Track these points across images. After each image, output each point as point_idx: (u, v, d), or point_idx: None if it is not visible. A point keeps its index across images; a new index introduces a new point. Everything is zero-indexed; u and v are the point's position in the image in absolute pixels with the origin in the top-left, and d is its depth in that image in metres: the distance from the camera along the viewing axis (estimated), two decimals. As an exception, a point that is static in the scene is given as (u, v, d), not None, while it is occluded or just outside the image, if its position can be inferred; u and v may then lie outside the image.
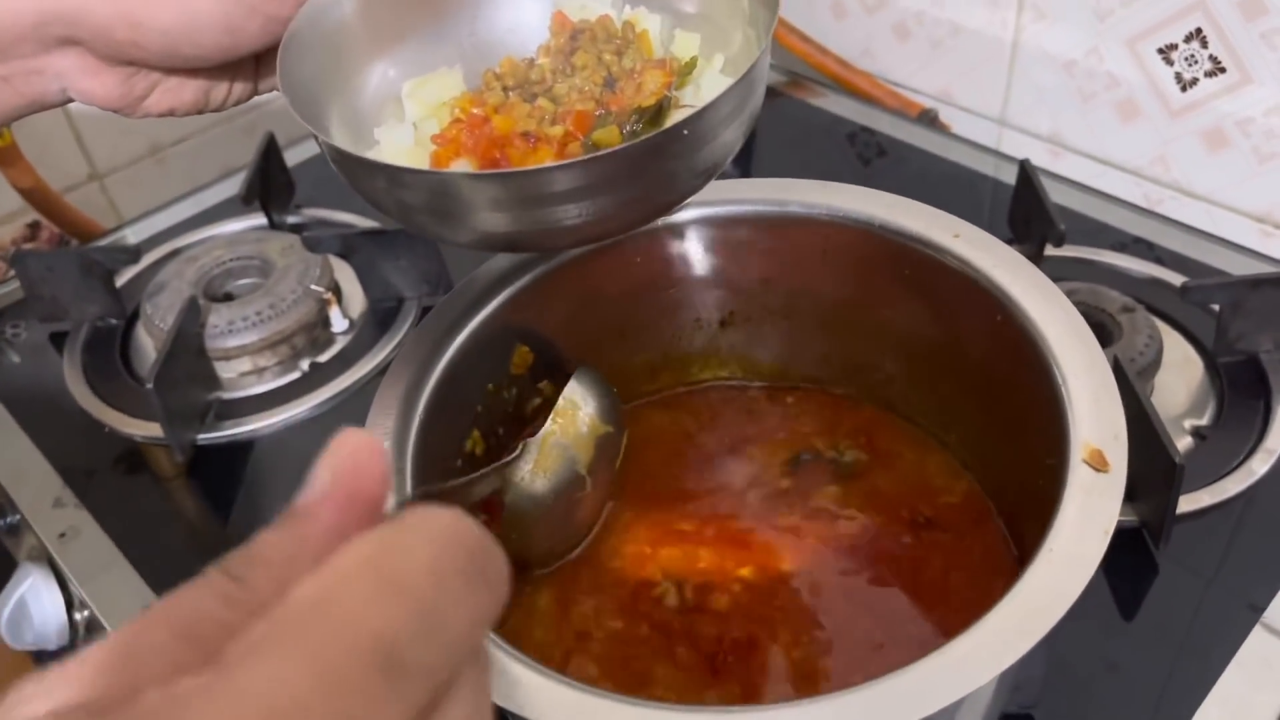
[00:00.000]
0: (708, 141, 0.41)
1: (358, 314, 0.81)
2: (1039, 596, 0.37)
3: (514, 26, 0.51)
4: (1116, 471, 0.40)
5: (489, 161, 0.44)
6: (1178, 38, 0.79)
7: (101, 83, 0.43)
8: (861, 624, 0.49)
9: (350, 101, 0.48)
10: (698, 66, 0.47)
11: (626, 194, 0.41)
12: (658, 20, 0.49)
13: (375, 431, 0.47)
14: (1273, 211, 0.81)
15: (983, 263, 0.49)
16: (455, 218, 0.41)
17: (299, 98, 0.43)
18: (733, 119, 0.42)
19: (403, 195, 0.42)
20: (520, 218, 0.41)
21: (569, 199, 0.40)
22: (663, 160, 0.41)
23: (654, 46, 0.48)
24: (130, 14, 0.40)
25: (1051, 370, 0.44)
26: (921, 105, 0.98)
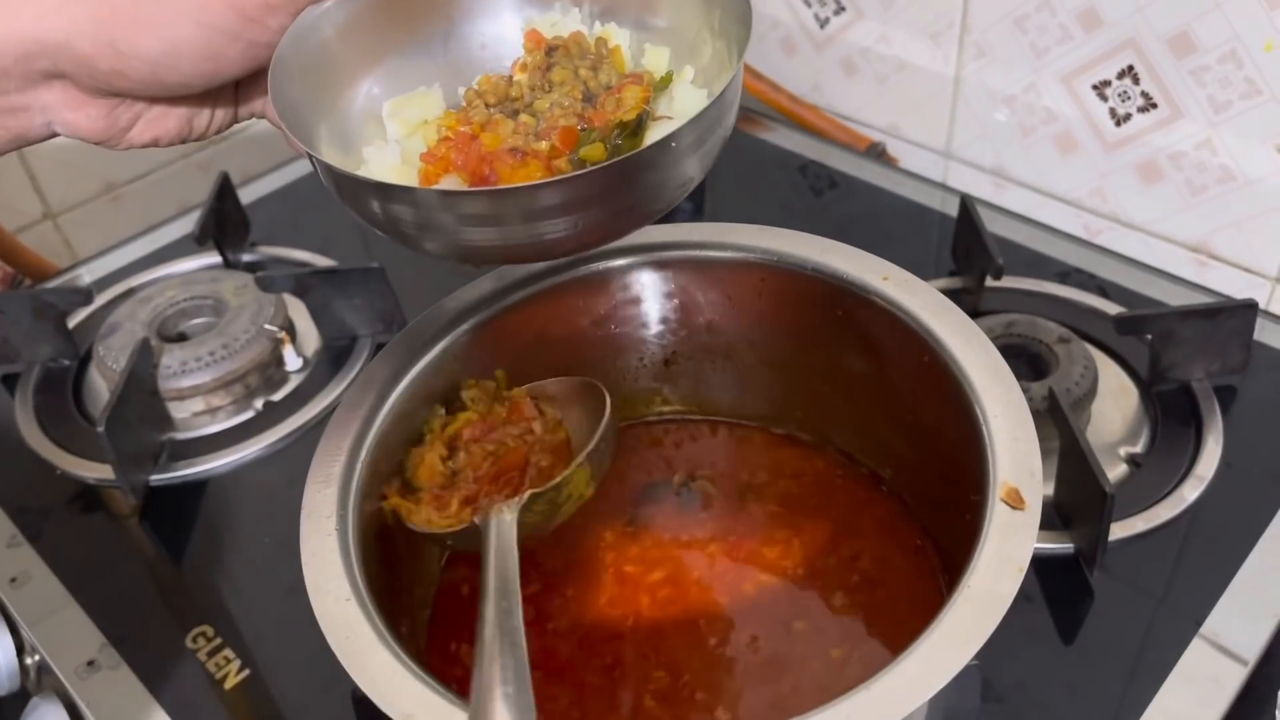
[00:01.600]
0: (691, 152, 0.43)
1: (312, 352, 0.81)
2: (955, 633, 0.38)
3: (487, 43, 0.52)
4: (1031, 510, 0.41)
5: (479, 178, 0.45)
6: (1110, 74, 0.82)
7: (86, 115, 0.44)
8: (792, 660, 0.50)
9: (337, 122, 0.49)
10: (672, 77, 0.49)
11: (615, 206, 0.43)
12: (627, 35, 0.50)
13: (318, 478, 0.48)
14: (1206, 241, 0.83)
15: (910, 304, 0.50)
16: (447, 233, 0.42)
17: (290, 121, 0.44)
18: (713, 129, 0.44)
19: (398, 212, 0.43)
20: (514, 232, 0.42)
21: (560, 213, 0.41)
22: (651, 172, 0.42)
23: (626, 61, 0.50)
24: (113, 44, 0.41)
25: (974, 409, 0.46)
26: (870, 139, 1.01)
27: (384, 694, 0.39)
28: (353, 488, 0.48)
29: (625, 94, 0.46)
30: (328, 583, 0.44)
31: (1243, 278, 0.82)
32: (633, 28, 0.50)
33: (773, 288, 0.55)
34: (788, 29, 1.02)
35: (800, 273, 0.54)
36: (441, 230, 0.42)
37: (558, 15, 0.51)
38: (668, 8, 0.50)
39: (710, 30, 0.48)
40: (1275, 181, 0.77)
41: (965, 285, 0.80)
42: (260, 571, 0.66)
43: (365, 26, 0.49)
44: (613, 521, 0.59)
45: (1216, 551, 0.62)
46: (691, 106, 0.46)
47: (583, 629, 0.54)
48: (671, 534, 0.58)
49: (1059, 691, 0.56)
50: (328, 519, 0.46)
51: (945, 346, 0.49)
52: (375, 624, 0.42)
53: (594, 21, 0.51)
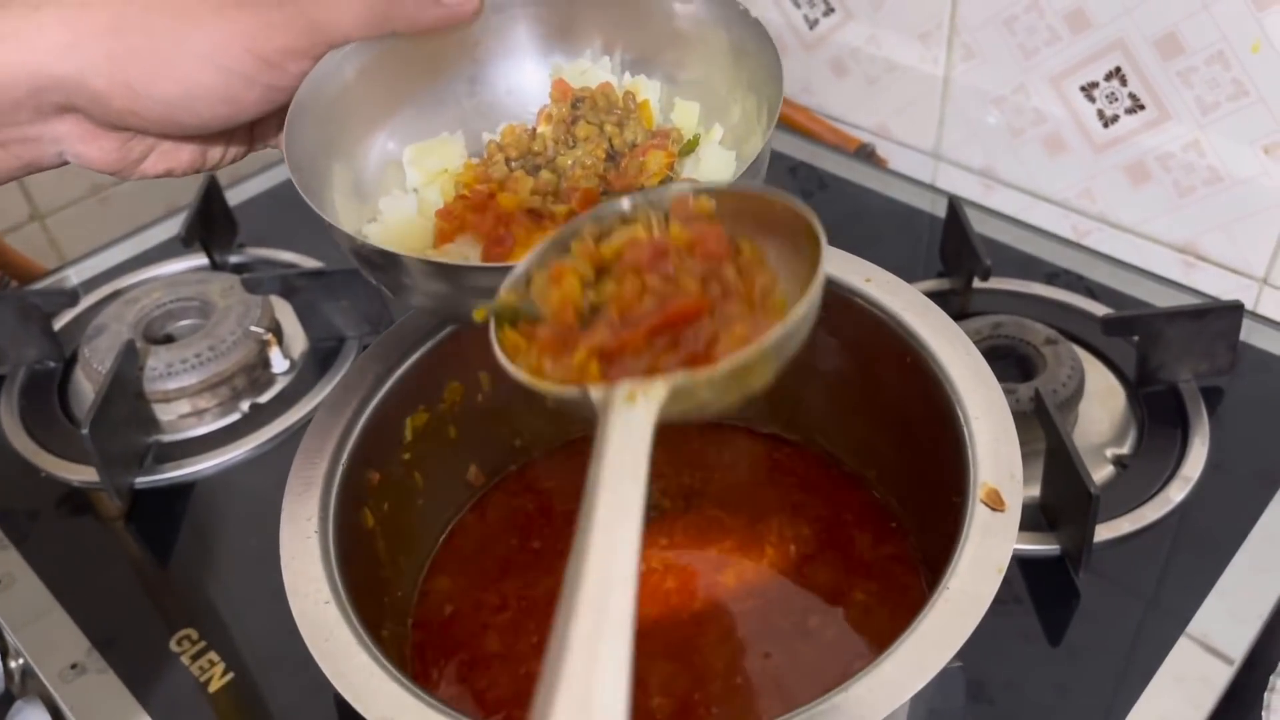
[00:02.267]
0: None
1: (299, 354, 0.81)
2: (935, 634, 0.38)
3: (513, 89, 0.50)
4: (1011, 511, 0.41)
5: (494, 239, 0.43)
6: (1098, 76, 0.82)
7: (99, 147, 0.43)
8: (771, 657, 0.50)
9: (356, 168, 0.47)
10: (699, 139, 0.47)
11: None
12: (657, 87, 0.49)
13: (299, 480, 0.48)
14: (1194, 243, 0.83)
15: (892, 305, 0.50)
16: (459, 303, 0.41)
17: (304, 172, 0.43)
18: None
19: (401, 279, 0.42)
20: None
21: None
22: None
23: (654, 115, 0.48)
24: (129, 84, 0.40)
25: (956, 411, 0.46)
26: (859, 140, 1.01)
27: (361, 696, 0.39)
28: (334, 491, 0.48)
29: (649, 160, 0.44)
30: (307, 585, 0.44)
31: (1230, 279, 0.82)
32: (663, 80, 0.49)
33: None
34: (777, 30, 1.02)
35: (783, 274, 0.54)
36: (451, 300, 0.41)
37: (587, 63, 0.50)
38: (698, 61, 0.48)
39: (740, 86, 0.47)
40: (1262, 183, 0.77)
41: (953, 286, 0.80)
42: (245, 574, 0.66)
43: (388, 70, 0.48)
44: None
45: (1203, 552, 0.62)
46: (718, 170, 0.45)
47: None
48: (651, 535, 0.57)
49: (1047, 692, 0.56)
50: (308, 521, 0.46)
51: (928, 348, 0.48)
52: (354, 627, 0.42)
53: (624, 72, 0.50)
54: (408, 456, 0.55)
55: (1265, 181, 0.77)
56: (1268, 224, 0.78)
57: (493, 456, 0.62)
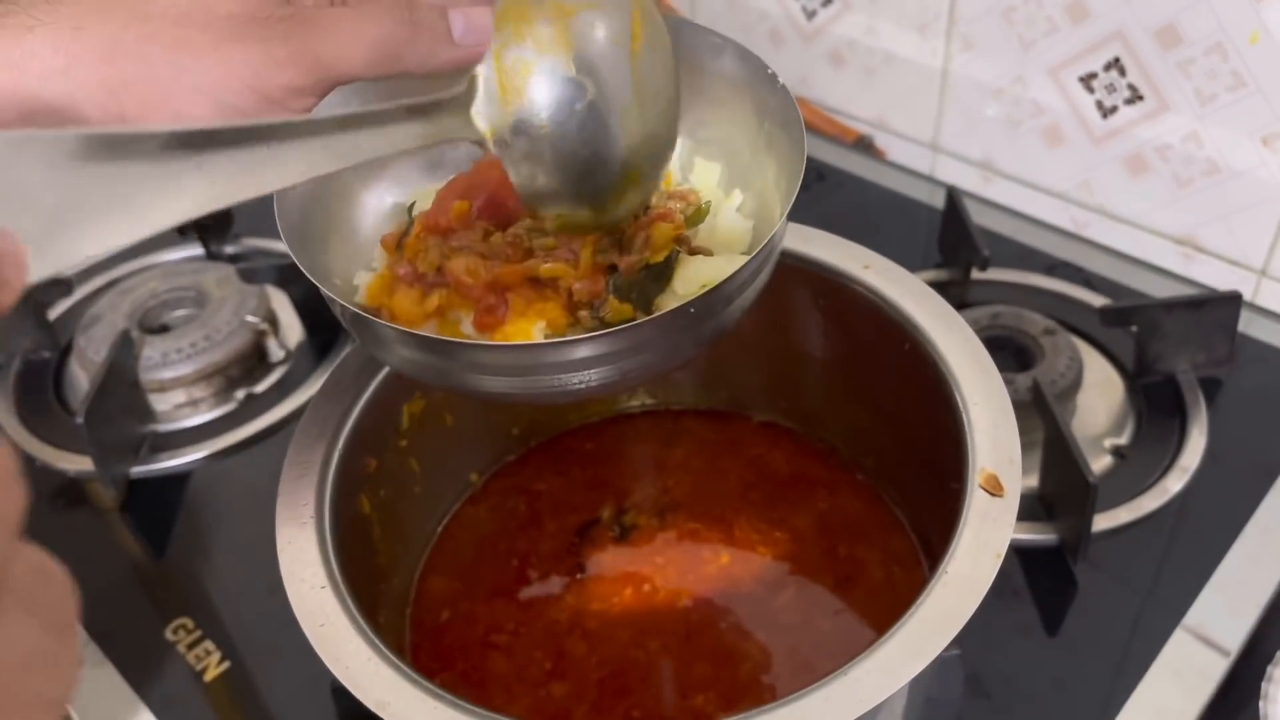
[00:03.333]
0: (719, 311, 0.39)
1: (295, 344, 0.81)
2: (933, 619, 0.38)
3: None
4: (1010, 496, 0.41)
5: (485, 308, 0.40)
6: (1097, 66, 0.82)
7: None
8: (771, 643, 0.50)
9: (354, 217, 0.45)
10: (716, 201, 0.45)
11: (632, 363, 0.39)
12: (680, 144, 0.45)
13: (295, 466, 0.48)
14: (1192, 234, 0.83)
15: (891, 293, 0.50)
16: (446, 375, 0.39)
17: (294, 222, 0.41)
18: (745, 287, 0.40)
19: (392, 347, 0.40)
20: (514, 382, 0.39)
21: (574, 368, 0.38)
22: (672, 332, 0.39)
23: (674, 174, 0.46)
24: (122, 114, 0.38)
25: (954, 397, 0.46)
26: (857, 131, 1.00)
27: (358, 681, 0.39)
28: (330, 477, 0.48)
29: (655, 232, 0.42)
30: (303, 570, 0.43)
31: (1229, 270, 0.82)
32: (685, 137, 0.46)
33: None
34: (775, 21, 1.02)
35: (782, 261, 0.53)
36: (444, 372, 0.39)
37: None
38: (721, 121, 0.45)
39: (761, 152, 0.45)
40: (1261, 174, 0.77)
41: (951, 277, 0.80)
42: (242, 563, 0.66)
43: None
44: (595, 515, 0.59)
45: (1200, 543, 0.62)
46: (735, 239, 0.42)
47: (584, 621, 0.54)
48: (650, 521, 0.57)
49: (1043, 683, 0.56)
50: (304, 507, 0.46)
51: (926, 334, 0.48)
52: (351, 612, 0.42)
53: None
54: (404, 444, 0.55)
55: (1263, 173, 0.77)
56: (1266, 215, 0.78)
57: (490, 445, 0.62)
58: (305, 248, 0.41)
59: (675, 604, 0.53)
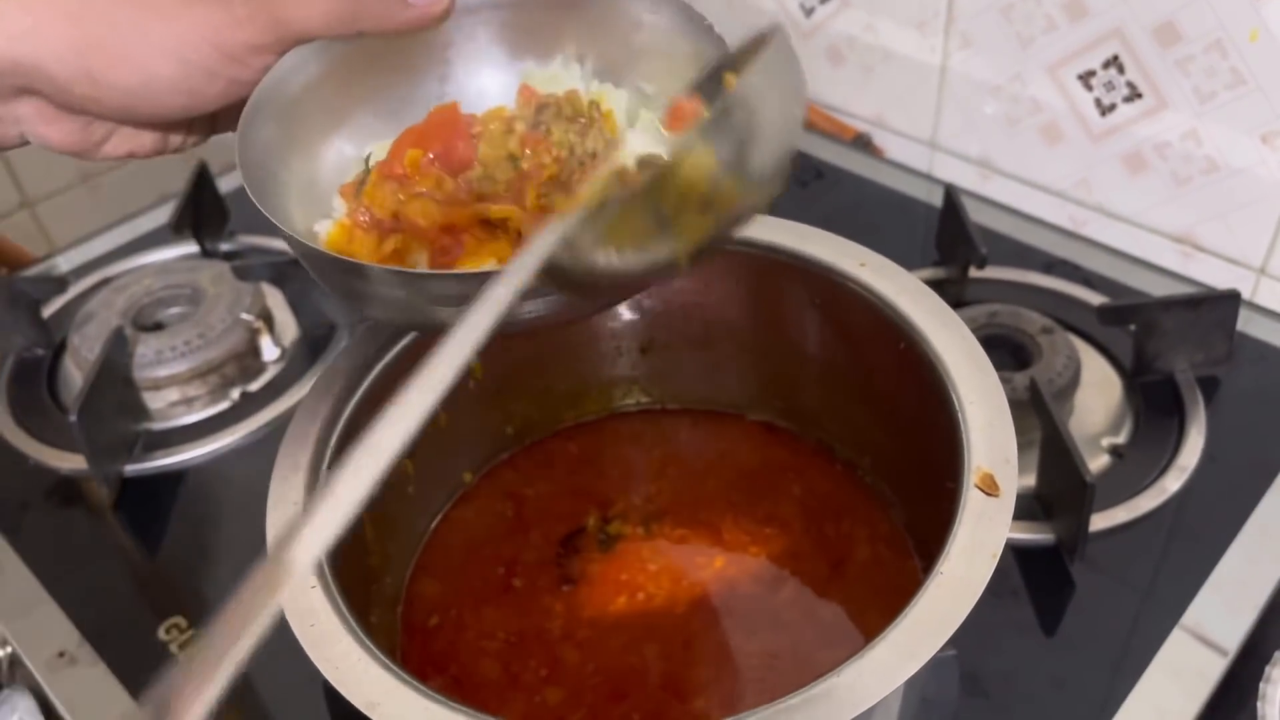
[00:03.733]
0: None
1: (290, 342, 0.80)
2: (928, 619, 0.37)
3: (483, 90, 0.49)
4: (1006, 496, 0.41)
5: (440, 249, 0.43)
6: (1096, 64, 0.81)
7: (60, 129, 0.43)
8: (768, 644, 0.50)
9: (313, 168, 0.47)
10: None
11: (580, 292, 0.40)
12: (624, 97, 0.48)
13: (286, 464, 0.47)
14: (1191, 233, 0.83)
15: (886, 290, 0.50)
16: (407, 309, 0.41)
17: (255, 172, 0.42)
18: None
19: (354, 285, 0.41)
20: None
21: (522, 296, 0.37)
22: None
23: (619, 126, 0.47)
24: (89, 73, 0.40)
25: (950, 396, 0.45)
26: (856, 129, 1.00)
27: (347, 681, 0.39)
28: (321, 474, 0.47)
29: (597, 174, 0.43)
30: (293, 570, 0.43)
31: (1227, 269, 0.81)
32: (631, 91, 0.48)
33: (750, 274, 0.55)
34: (772, 18, 1.01)
35: (777, 259, 0.53)
36: (405, 306, 0.41)
37: (557, 69, 0.49)
38: (664, 74, 0.47)
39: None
40: (1260, 172, 0.76)
41: (949, 275, 0.80)
42: (235, 562, 0.65)
43: (354, 69, 0.47)
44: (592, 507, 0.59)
45: (1198, 542, 0.61)
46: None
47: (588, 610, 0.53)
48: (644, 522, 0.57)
49: (1041, 682, 0.56)
50: (295, 505, 0.45)
51: (921, 333, 0.48)
52: (341, 611, 0.42)
53: (593, 80, 0.49)
54: (397, 443, 0.54)
55: (1262, 171, 0.76)
56: (1265, 213, 0.78)
57: (483, 444, 0.61)
58: (268, 198, 0.42)
59: (670, 607, 0.52)
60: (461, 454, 0.61)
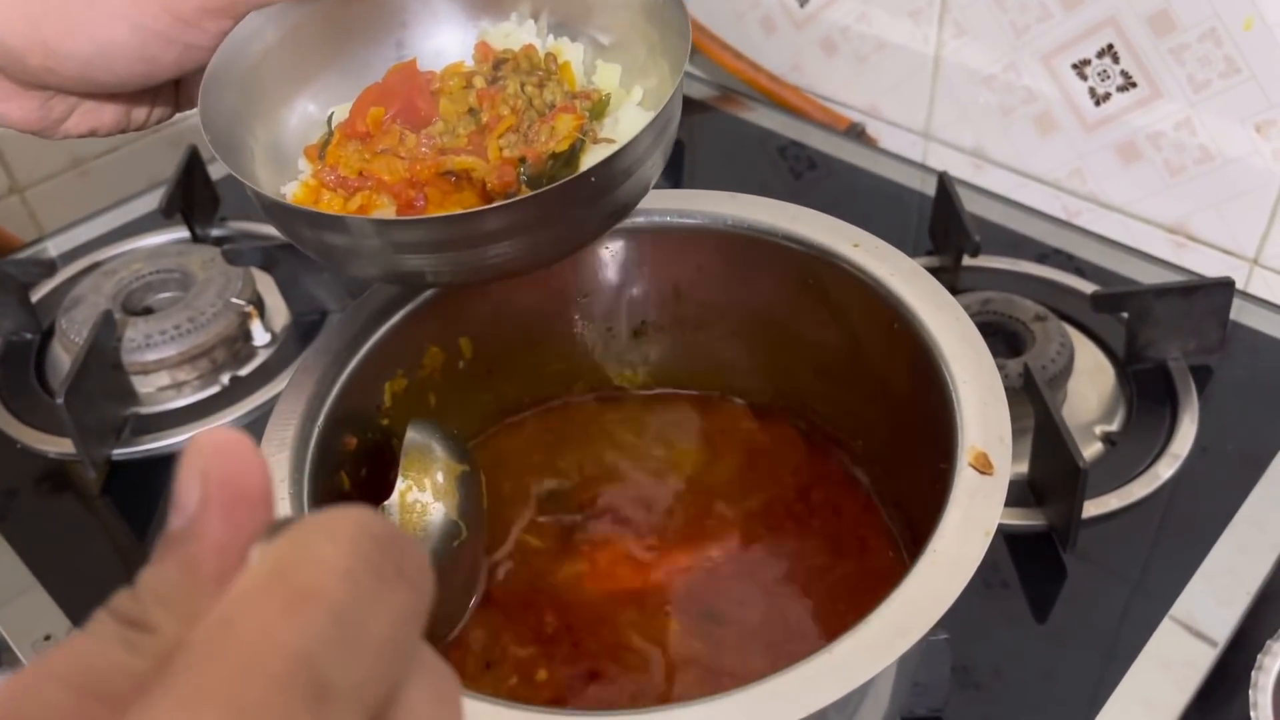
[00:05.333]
0: (619, 183, 0.43)
1: (280, 327, 0.80)
2: (920, 597, 0.37)
3: (440, 50, 0.50)
4: (1000, 474, 0.40)
5: (406, 201, 0.44)
6: (1090, 53, 0.81)
7: (19, 106, 0.43)
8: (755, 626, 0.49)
9: (276, 132, 0.48)
10: (616, 99, 0.48)
11: (544, 235, 0.42)
12: (580, 50, 0.49)
13: (272, 442, 0.47)
14: (1184, 223, 0.82)
15: (879, 271, 0.50)
16: (376, 258, 0.42)
17: (220, 136, 0.43)
18: (644, 160, 0.43)
19: (324, 238, 0.42)
20: (439, 259, 0.41)
21: (487, 240, 0.40)
22: (576, 203, 0.42)
23: (576, 78, 0.49)
24: (44, 43, 0.39)
25: (944, 376, 0.45)
26: (849, 119, 1.00)
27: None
28: (309, 454, 0.47)
29: (558, 124, 0.45)
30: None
31: (1221, 259, 0.81)
32: (587, 43, 0.50)
33: (743, 256, 0.55)
34: (767, 8, 1.01)
35: (770, 240, 0.53)
36: (367, 256, 0.42)
37: (512, 26, 0.50)
38: (616, 25, 0.49)
39: (657, 49, 0.48)
40: (1254, 162, 0.76)
41: (942, 264, 0.80)
42: (223, 546, 0.65)
43: (313, 31, 0.48)
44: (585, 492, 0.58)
45: (1190, 531, 0.61)
46: (636, 129, 0.45)
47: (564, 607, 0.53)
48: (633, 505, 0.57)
49: (1031, 672, 0.55)
50: (281, 483, 0.45)
51: (915, 313, 0.48)
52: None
53: (549, 35, 0.50)
54: (386, 422, 0.54)
55: (1256, 161, 0.76)
56: (1259, 203, 0.78)
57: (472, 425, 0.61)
58: (236, 163, 0.43)
59: (659, 589, 0.52)
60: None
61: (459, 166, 0.44)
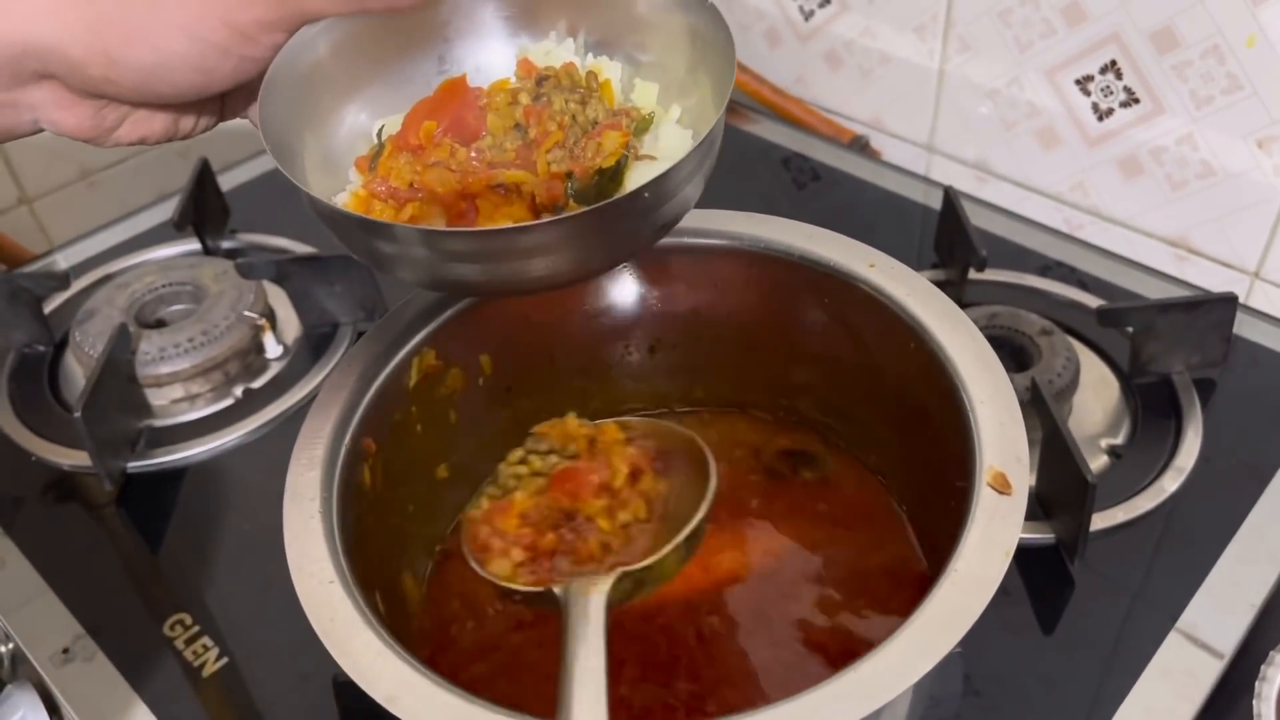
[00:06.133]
0: (665, 201, 0.44)
1: (292, 340, 0.80)
2: (942, 617, 0.38)
3: (481, 67, 0.51)
4: (1018, 494, 0.41)
5: (457, 213, 0.45)
6: (1094, 69, 0.82)
7: (74, 114, 0.43)
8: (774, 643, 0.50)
9: (327, 141, 0.49)
10: (656, 117, 0.49)
11: (592, 249, 0.43)
12: (619, 68, 0.50)
13: (301, 461, 0.47)
14: (1186, 236, 0.84)
15: (896, 291, 0.50)
16: (427, 266, 0.43)
17: (277, 143, 0.44)
18: (690, 178, 0.44)
19: (379, 246, 0.43)
20: (489, 269, 0.42)
21: (534, 254, 0.42)
22: (625, 219, 0.43)
23: (616, 95, 0.49)
24: (106, 53, 0.40)
25: (960, 396, 0.46)
26: (853, 132, 1.01)
27: (366, 675, 0.39)
28: (337, 471, 0.48)
29: (605, 140, 0.46)
30: (311, 565, 0.43)
31: (1223, 272, 0.82)
32: (624, 61, 0.51)
33: (759, 275, 0.55)
34: (772, 21, 1.02)
35: (786, 260, 0.54)
36: (418, 264, 0.43)
37: (552, 44, 0.51)
38: (656, 43, 0.50)
39: (697, 68, 0.49)
40: (1255, 177, 0.77)
41: (948, 277, 0.81)
42: (239, 559, 0.66)
43: (360, 45, 0.49)
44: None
45: (1194, 544, 0.62)
46: (676, 146, 0.47)
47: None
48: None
49: (1037, 682, 0.56)
50: (311, 501, 0.45)
51: (931, 333, 0.49)
52: (359, 606, 0.42)
53: (587, 53, 0.51)
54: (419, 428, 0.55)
55: (1258, 175, 0.77)
56: (1260, 218, 0.79)
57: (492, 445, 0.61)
58: (290, 167, 0.44)
59: (680, 603, 0.52)
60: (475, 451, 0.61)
61: (510, 180, 0.45)
